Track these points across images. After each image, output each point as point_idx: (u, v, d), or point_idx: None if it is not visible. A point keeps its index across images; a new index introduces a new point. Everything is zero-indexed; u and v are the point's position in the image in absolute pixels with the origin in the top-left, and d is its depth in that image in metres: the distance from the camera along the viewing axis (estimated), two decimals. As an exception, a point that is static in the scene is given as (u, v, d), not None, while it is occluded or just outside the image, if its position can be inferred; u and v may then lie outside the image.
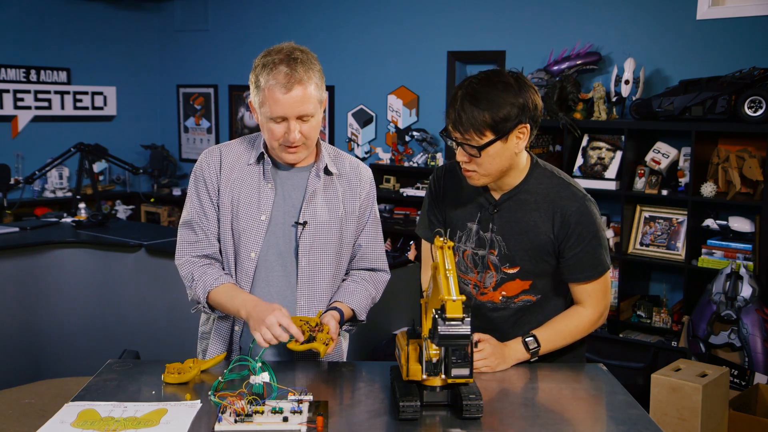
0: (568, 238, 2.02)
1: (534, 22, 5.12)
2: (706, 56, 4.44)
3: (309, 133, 2.00)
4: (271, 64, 1.94)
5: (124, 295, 4.42)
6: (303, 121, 1.97)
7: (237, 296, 2.00)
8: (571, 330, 2.10)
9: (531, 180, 2.06)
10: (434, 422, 1.67)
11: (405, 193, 5.60)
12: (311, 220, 2.07)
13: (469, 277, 2.15)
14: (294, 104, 1.94)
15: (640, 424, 1.67)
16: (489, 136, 1.92)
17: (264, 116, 1.99)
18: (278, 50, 1.98)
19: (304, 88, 1.94)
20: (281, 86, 1.92)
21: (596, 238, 2.04)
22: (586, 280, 2.07)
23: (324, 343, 1.90)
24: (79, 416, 1.66)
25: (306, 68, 1.95)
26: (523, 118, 1.93)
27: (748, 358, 3.77)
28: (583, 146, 4.65)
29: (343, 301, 2.11)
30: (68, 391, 4.16)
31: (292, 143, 1.99)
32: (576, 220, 2.01)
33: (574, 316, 2.10)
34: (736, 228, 4.12)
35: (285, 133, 1.98)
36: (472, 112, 1.90)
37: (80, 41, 6.85)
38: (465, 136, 1.93)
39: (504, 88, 1.92)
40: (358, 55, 6.05)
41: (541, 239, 2.04)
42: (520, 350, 2.04)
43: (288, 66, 1.93)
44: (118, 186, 7.08)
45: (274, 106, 1.94)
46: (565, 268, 2.07)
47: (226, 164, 2.09)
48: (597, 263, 2.05)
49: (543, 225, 2.04)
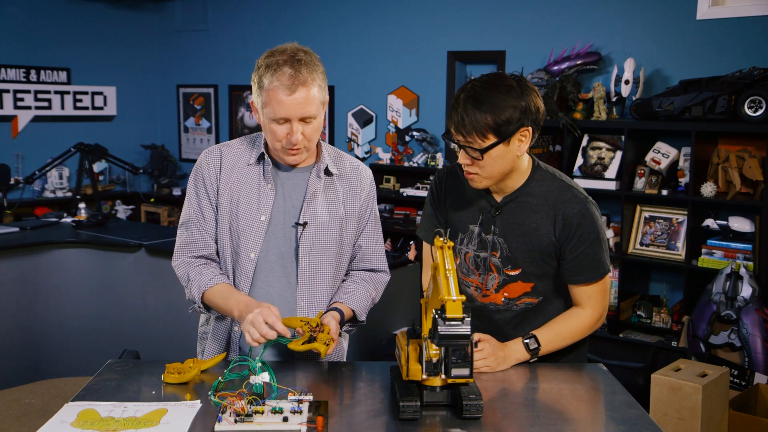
0: (569, 240, 2.03)
1: (534, 22, 5.12)
2: (706, 56, 4.44)
3: (311, 135, 2.00)
4: (274, 65, 1.94)
5: (124, 295, 4.42)
6: (305, 123, 1.97)
7: (231, 296, 2.00)
8: (571, 331, 2.10)
9: (533, 182, 2.07)
10: (434, 422, 1.67)
11: (405, 193, 5.61)
12: (311, 220, 2.07)
13: (471, 280, 2.16)
14: (297, 106, 1.94)
15: (640, 424, 1.67)
16: (491, 139, 1.93)
17: (266, 117, 1.98)
18: (282, 51, 1.97)
19: (307, 90, 1.94)
20: (285, 88, 1.92)
21: (597, 240, 2.04)
22: (586, 282, 2.07)
23: (324, 344, 1.90)
24: (79, 416, 1.66)
25: (310, 70, 1.95)
26: (525, 121, 1.94)
27: (748, 358, 3.77)
28: (583, 146, 4.65)
29: (344, 301, 2.11)
30: (68, 391, 4.16)
31: (294, 145, 1.98)
32: (577, 222, 2.02)
33: (574, 317, 2.11)
34: (736, 228, 4.12)
35: (287, 135, 1.97)
36: (475, 115, 1.91)
37: (80, 41, 6.85)
38: (467, 139, 1.94)
39: (506, 91, 1.93)
40: (358, 55, 6.06)
41: (543, 241, 2.05)
42: (521, 350, 2.04)
43: (292, 67, 1.93)
44: (118, 186, 7.08)
45: (278, 107, 1.94)
46: (565, 270, 2.07)
47: (226, 164, 2.09)
48: (597, 265, 2.06)
49: (544, 227, 2.04)
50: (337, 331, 1.98)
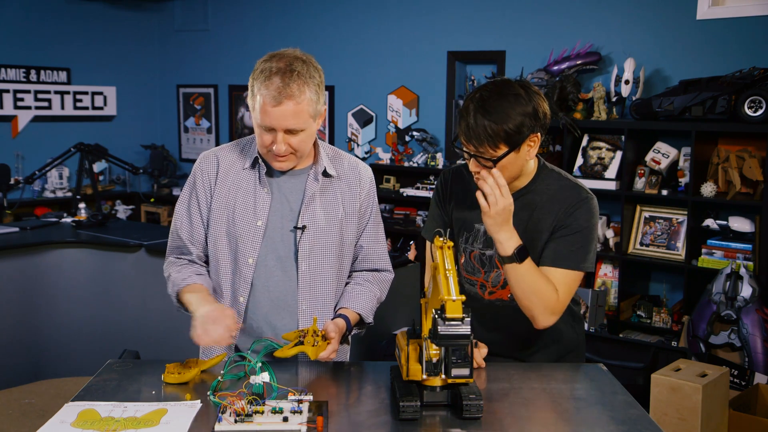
0: (560, 226, 2.03)
1: (534, 22, 5.12)
2: (706, 56, 4.44)
3: (298, 146, 1.98)
4: (267, 72, 1.91)
5: (124, 295, 4.42)
6: (291, 135, 1.96)
7: (194, 300, 2.01)
8: (540, 286, 1.97)
9: (538, 181, 2.09)
10: (434, 422, 1.67)
11: (405, 193, 5.60)
12: (310, 224, 2.06)
13: (476, 278, 2.17)
14: (281, 118, 1.91)
15: (640, 424, 1.67)
16: (503, 148, 1.94)
17: (255, 121, 1.98)
18: (279, 57, 1.94)
19: (295, 103, 1.91)
20: (271, 98, 1.90)
21: (583, 233, 2.02)
22: (555, 266, 2.00)
23: (312, 345, 1.89)
24: (79, 416, 1.66)
25: (301, 82, 1.91)
26: (534, 127, 1.96)
27: (748, 358, 3.77)
28: (583, 146, 4.65)
29: (348, 306, 2.10)
30: (68, 391, 4.16)
31: (277, 153, 1.98)
32: (573, 211, 2.03)
33: (550, 283, 2.00)
34: (736, 228, 4.12)
35: (272, 143, 1.97)
36: (486, 126, 1.91)
37: (80, 41, 6.85)
38: (479, 149, 1.95)
39: (515, 99, 1.94)
40: (358, 55, 6.05)
41: (545, 237, 2.06)
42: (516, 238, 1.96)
43: (282, 79, 1.89)
44: (118, 186, 7.08)
45: (263, 116, 1.93)
46: (545, 253, 2.03)
47: (222, 170, 2.09)
48: (572, 255, 2.01)
49: (548, 224, 2.06)
50: (334, 330, 1.97)
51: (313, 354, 1.90)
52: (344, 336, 2.07)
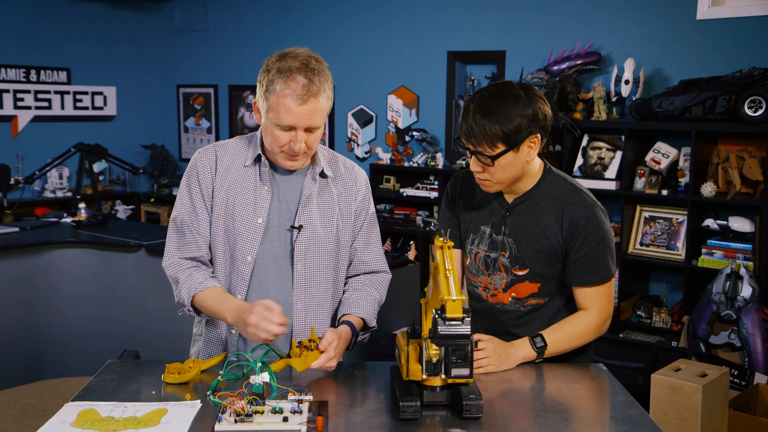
0: (574, 241, 2.06)
1: (534, 22, 5.12)
2: (706, 56, 4.44)
3: (312, 144, 1.99)
4: (287, 71, 1.90)
5: (124, 295, 4.42)
6: (309, 132, 1.96)
7: (222, 301, 1.98)
8: (577, 333, 2.10)
9: (543, 185, 2.12)
10: (434, 422, 1.67)
11: (405, 193, 5.60)
12: (307, 223, 2.06)
13: (479, 280, 2.19)
14: (306, 116, 1.92)
15: (640, 424, 1.67)
16: (501, 147, 1.98)
17: (270, 122, 1.95)
18: (294, 56, 1.94)
19: (317, 100, 1.92)
20: (297, 97, 1.89)
21: (602, 243, 2.07)
22: (588, 285, 2.09)
23: (298, 356, 1.88)
24: (79, 416, 1.66)
25: (321, 80, 1.92)
26: (533, 128, 1.99)
27: (748, 358, 3.77)
28: (583, 146, 4.65)
29: (351, 312, 2.10)
30: (68, 391, 4.16)
31: (295, 153, 1.97)
32: (583, 224, 2.05)
33: (580, 319, 2.11)
34: (736, 228, 4.12)
35: (290, 142, 1.95)
36: (484, 126, 1.96)
37: (80, 41, 6.85)
38: (478, 148, 2.00)
39: (514, 101, 1.97)
40: (358, 55, 6.05)
41: (551, 242, 2.08)
42: (527, 348, 2.05)
43: (306, 77, 1.89)
44: (118, 186, 7.08)
45: (286, 115, 1.91)
46: (568, 272, 2.10)
47: (222, 166, 2.07)
48: (599, 269, 2.07)
49: (552, 228, 2.08)
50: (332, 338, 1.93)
51: (300, 366, 1.87)
52: (352, 343, 2.06)
